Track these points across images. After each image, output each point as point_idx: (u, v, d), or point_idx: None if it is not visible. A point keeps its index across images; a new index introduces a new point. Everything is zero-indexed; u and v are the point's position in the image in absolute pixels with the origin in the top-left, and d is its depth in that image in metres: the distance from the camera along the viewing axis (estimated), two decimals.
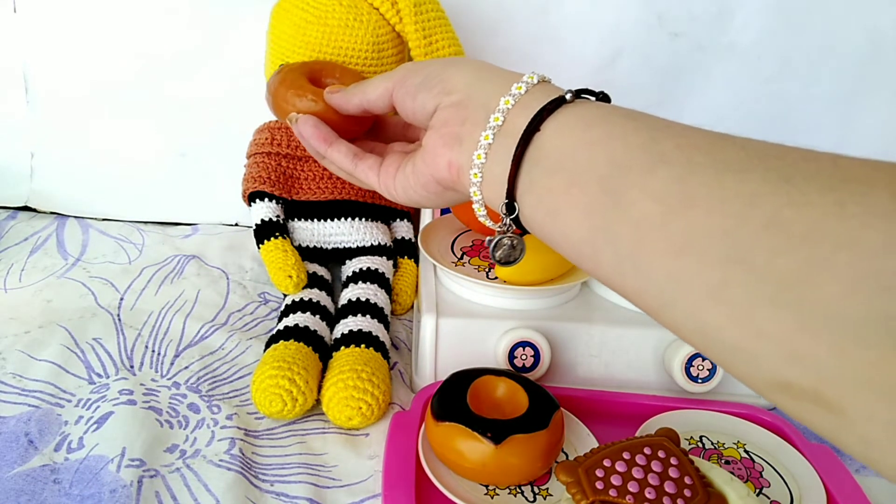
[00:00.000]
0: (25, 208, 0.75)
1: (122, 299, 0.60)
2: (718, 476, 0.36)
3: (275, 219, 0.60)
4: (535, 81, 0.32)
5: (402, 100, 0.37)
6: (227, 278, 0.65)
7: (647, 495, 0.34)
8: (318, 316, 0.55)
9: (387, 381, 0.50)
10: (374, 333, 0.53)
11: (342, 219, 0.63)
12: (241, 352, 0.55)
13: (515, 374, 0.46)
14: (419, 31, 0.58)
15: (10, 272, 0.63)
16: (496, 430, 0.40)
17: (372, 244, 0.63)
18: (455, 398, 0.42)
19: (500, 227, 0.34)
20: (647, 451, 0.36)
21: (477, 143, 0.32)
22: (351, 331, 0.53)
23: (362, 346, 0.52)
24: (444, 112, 0.34)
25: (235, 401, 0.50)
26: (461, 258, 0.57)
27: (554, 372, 0.52)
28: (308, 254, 0.63)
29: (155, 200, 0.76)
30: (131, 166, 0.74)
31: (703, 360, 0.50)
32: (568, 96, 0.31)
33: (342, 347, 0.52)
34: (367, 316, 0.55)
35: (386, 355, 0.53)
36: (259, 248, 0.60)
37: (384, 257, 0.63)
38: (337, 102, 0.42)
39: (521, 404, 0.43)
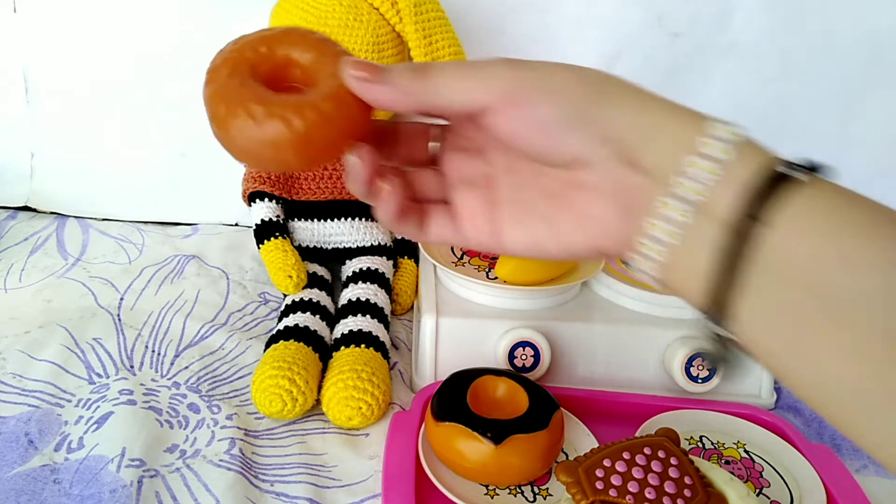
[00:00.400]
0: (25, 208, 0.75)
1: (122, 299, 0.60)
2: (718, 476, 0.36)
3: (275, 219, 0.60)
4: (734, 138, 0.24)
5: (522, 130, 0.26)
6: (227, 278, 0.65)
7: (647, 495, 0.34)
8: (318, 316, 0.55)
9: (387, 381, 0.50)
10: (374, 333, 0.53)
11: (342, 219, 0.63)
12: (241, 352, 0.55)
13: (515, 374, 0.46)
14: (419, 32, 0.58)
15: (10, 272, 0.63)
16: (496, 430, 0.40)
17: (372, 244, 0.63)
18: (455, 398, 0.42)
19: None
20: (647, 451, 0.36)
21: (655, 211, 0.25)
22: (351, 331, 0.53)
23: (362, 346, 0.52)
24: (603, 166, 0.26)
25: (235, 401, 0.50)
26: (461, 258, 0.57)
27: (554, 372, 0.52)
28: (308, 254, 0.63)
29: (155, 200, 0.76)
30: (131, 166, 0.74)
31: (703, 359, 0.50)
32: (795, 173, 0.23)
33: (342, 347, 0.52)
34: (367, 316, 0.55)
35: (386, 355, 0.53)
36: (259, 248, 0.60)
37: (384, 257, 0.63)
38: (376, 95, 0.27)
39: (521, 404, 0.43)
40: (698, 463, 0.37)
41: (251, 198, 0.61)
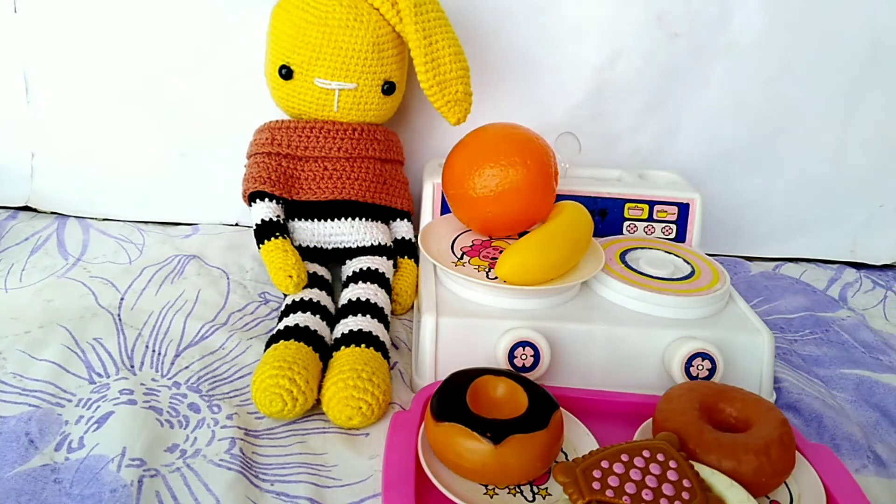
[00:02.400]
0: (26, 208, 0.75)
1: (122, 299, 0.60)
2: (719, 482, 0.36)
3: (275, 219, 0.60)
4: None
5: None
6: (228, 278, 0.65)
7: (644, 496, 0.34)
8: (318, 316, 0.55)
9: (387, 381, 0.50)
10: (374, 333, 0.53)
11: (342, 219, 0.63)
12: (241, 352, 0.55)
13: (515, 374, 0.46)
14: (419, 32, 0.58)
15: (11, 272, 0.63)
16: (496, 430, 0.40)
17: (372, 244, 0.64)
18: (455, 398, 0.43)
19: None
20: (645, 454, 0.36)
21: None
22: (351, 331, 0.53)
23: (362, 345, 0.52)
24: None
25: (236, 400, 0.50)
26: (461, 258, 0.57)
27: (554, 372, 0.52)
28: (308, 254, 0.63)
29: (155, 200, 0.76)
30: (131, 166, 0.75)
31: (703, 359, 0.50)
32: None
33: (342, 347, 0.52)
34: (368, 316, 0.55)
35: (386, 355, 0.53)
36: (259, 247, 0.60)
37: (384, 257, 0.63)
38: None
39: (520, 404, 0.43)
40: (699, 468, 0.37)
41: (251, 198, 0.61)
